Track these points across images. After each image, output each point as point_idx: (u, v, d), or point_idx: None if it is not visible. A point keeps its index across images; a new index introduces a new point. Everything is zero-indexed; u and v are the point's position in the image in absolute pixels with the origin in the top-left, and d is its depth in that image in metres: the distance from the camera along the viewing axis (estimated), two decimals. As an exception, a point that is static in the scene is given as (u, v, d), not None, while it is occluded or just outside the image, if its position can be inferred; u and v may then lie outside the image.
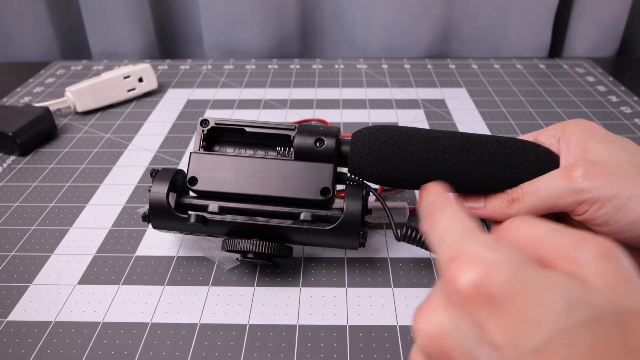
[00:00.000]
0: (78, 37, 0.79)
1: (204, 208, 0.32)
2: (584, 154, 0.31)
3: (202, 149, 0.33)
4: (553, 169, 0.31)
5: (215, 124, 0.33)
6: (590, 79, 0.64)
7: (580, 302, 0.17)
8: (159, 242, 0.37)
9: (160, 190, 0.32)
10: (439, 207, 0.23)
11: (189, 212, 0.32)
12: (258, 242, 0.31)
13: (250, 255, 0.32)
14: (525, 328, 0.17)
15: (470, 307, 0.18)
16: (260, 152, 0.34)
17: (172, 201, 0.32)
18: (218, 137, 0.34)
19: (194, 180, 0.32)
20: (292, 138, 0.32)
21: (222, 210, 0.32)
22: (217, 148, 0.34)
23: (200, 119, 0.33)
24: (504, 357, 0.17)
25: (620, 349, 0.16)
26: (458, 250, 0.19)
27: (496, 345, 0.17)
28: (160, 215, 0.32)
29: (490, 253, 0.18)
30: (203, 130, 0.33)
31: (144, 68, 0.60)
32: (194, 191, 0.32)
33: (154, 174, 0.33)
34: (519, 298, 0.17)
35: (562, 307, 0.17)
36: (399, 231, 0.33)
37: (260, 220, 0.32)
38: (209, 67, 0.69)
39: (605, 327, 0.16)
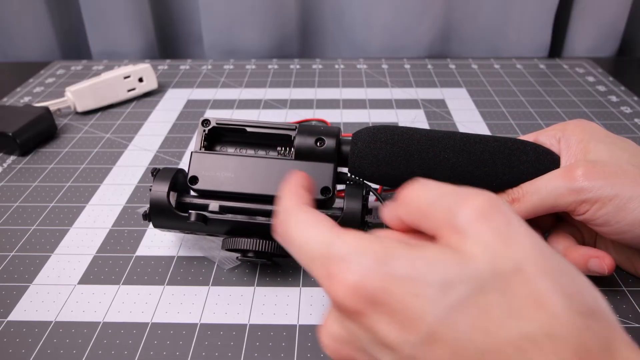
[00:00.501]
0: (78, 37, 0.79)
1: (204, 207, 0.32)
2: (585, 154, 0.31)
3: (203, 149, 0.33)
4: (553, 169, 0.31)
5: (217, 123, 0.33)
6: (590, 79, 0.64)
7: (456, 279, 0.17)
8: (159, 242, 0.37)
9: (161, 189, 0.32)
10: (286, 216, 0.22)
11: (190, 211, 0.32)
12: (258, 240, 0.31)
13: (250, 255, 0.32)
14: (410, 323, 0.17)
15: (358, 316, 0.18)
16: (261, 152, 0.34)
17: (173, 200, 0.32)
18: (219, 137, 0.35)
19: (194, 180, 0.32)
20: (292, 138, 0.32)
21: (223, 210, 0.32)
22: (218, 148, 0.35)
23: (202, 118, 0.33)
24: (401, 354, 0.17)
25: (505, 312, 0.16)
26: (328, 266, 0.19)
27: (390, 345, 0.18)
28: (161, 214, 0.32)
29: (358, 259, 0.18)
30: (204, 130, 0.33)
31: (144, 68, 0.60)
32: (194, 190, 0.32)
33: (155, 173, 0.33)
34: (397, 295, 0.17)
35: (439, 291, 0.17)
36: None
37: (260, 219, 0.32)
38: (209, 67, 0.69)
39: (487, 295, 0.16)
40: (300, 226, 0.21)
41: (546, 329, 0.15)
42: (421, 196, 0.20)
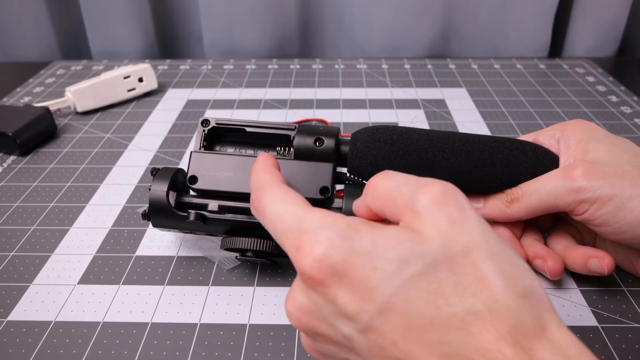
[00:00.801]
0: (78, 37, 0.79)
1: (203, 207, 0.32)
2: (584, 155, 0.31)
3: (203, 149, 0.33)
4: (552, 169, 0.31)
5: (216, 123, 0.33)
6: (590, 79, 0.64)
7: (412, 256, 0.18)
8: (159, 242, 0.37)
9: (160, 188, 0.32)
10: (261, 192, 0.24)
11: (189, 211, 0.32)
12: (257, 240, 0.31)
13: (249, 254, 0.32)
14: (367, 294, 0.19)
15: (321, 288, 0.20)
16: (260, 152, 0.34)
17: (172, 200, 0.32)
18: (219, 137, 0.35)
19: (194, 179, 0.32)
20: (292, 138, 0.32)
21: (222, 209, 0.32)
22: (217, 148, 0.35)
23: (201, 119, 0.33)
24: (359, 324, 0.19)
25: (453, 289, 0.18)
26: (299, 238, 0.21)
27: (349, 314, 0.19)
28: (160, 214, 0.32)
29: (325, 233, 0.20)
30: (204, 130, 0.33)
31: (144, 68, 0.60)
32: (194, 190, 0.33)
33: (155, 172, 0.33)
34: (358, 268, 0.19)
35: (395, 266, 0.18)
36: None
37: None
38: (209, 67, 0.69)
39: (438, 273, 0.18)
40: (275, 201, 0.23)
41: (487, 305, 0.17)
42: (386, 184, 0.22)
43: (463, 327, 0.17)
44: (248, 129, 0.33)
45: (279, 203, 0.23)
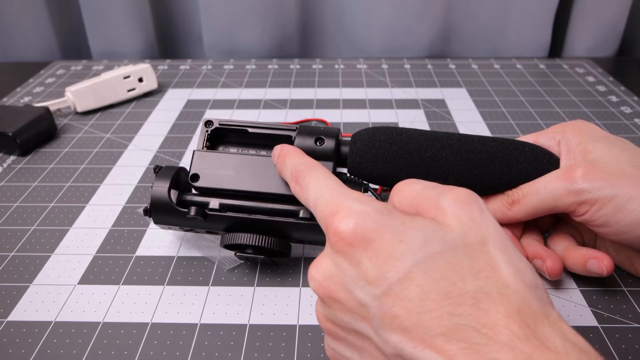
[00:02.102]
0: (78, 37, 0.79)
1: (205, 205, 0.32)
2: (584, 156, 0.31)
3: (206, 149, 0.34)
4: (552, 170, 0.31)
5: (219, 124, 0.34)
6: (590, 79, 0.64)
7: (435, 238, 0.21)
8: (159, 242, 0.37)
9: (162, 185, 0.32)
10: (307, 170, 0.27)
11: (190, 207, 0.32)
12: (257, 236, 0.31)
13: (249, 251, 0.32)
14: (391, 262, 0.20)
15: (349, 250, 0.21)
16: (262, 152, 0.34)
17: (174, 197, 0.33)
18: (221, 137, 0.35)
19: (195, 177, 0.32)
20: (293, 138, 0.32)
21: (223, 207, 0.32)
22: (220, 148, 0.35)
23: (204, 120, 0.34)
24: (377, 289, 0.20)
25: (468, 270, 0.20)
26: (337, 207, 0.23)
27: (370, 279, 0.21)
28: (162, 210, 0.32)
29: (362, 206, 0.22)
30: (207, 131, 0.34)
31: (144, 68, 0.60)
32: (195, 188, 0.33)
33: (157, 170, 0.33)
34: (386, 239, 0.21)
35: (420, 242, 0.20)
36: None
37: (260, 216, 0.32)
38: (209, 67, 0.69)
39: (456, 255, 0.20)
40: (321, 178, 0.26)
41: (498, 288, 0.19)
42: (412, 187, 0.24)
43: (474, 304, 0.19)
44: (250, 130, 0.34)
45: (324, 179, 0.25)
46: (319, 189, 0.25)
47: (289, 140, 0.33)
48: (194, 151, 0.33)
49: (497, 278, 0.19)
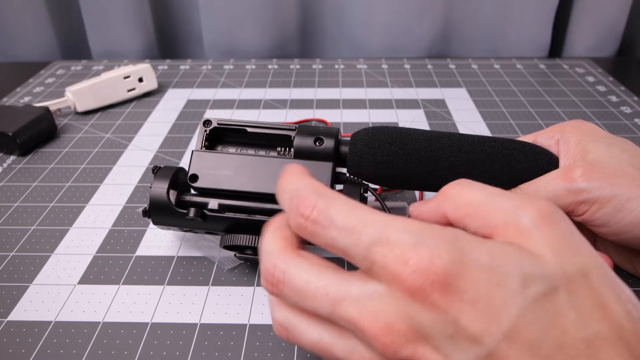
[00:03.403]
0: (78, 37, 0.79)
1: (204, 205, 0.32)
2: (584, 155, 0.31)
3: (204, 149, 0.34)
4: (551, 170, 0.31)
5: (218, 124, 0.34)
6: (590, 79, 0.64)
7: (534, 276, 0.17)
8: (159, 242, 0.37)
9: (161, 186, 0.32)
10: (321, 201, 0.20)
11: (189, 208, 0.32)
12: (256, 237, 0.31)
13: (248, 252, 0.32)
14: (493, 314, 0.17)
15: (439, 298, 0.17)
16: (261, 152, 0.34)
17: (173, 198, 0.33)
18: (220, 137, 0.35)
19: (194, 178, 0.32)
20: (292, 138, 0.32)
21: (222, 208, 0.32)
22: (219, 148, 0.35)
23: (203, 119, 0.34)
24: (482, 348, 0.17)
25: (577, 313, 0.17)
26: (392, 250, 0.18)
27: (472, 337, 0.17)
28: (161, 211, 0.32)
29: (429, 241, 0.17)
30: (206, 131, 0.34)
31: (144, 68, 0.60)
32: (194, 188, 0.33)
33: (156, 170, 0.33)
34: (478, 283, 0.17)
35: (519, 284, 0.17)
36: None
37: (259, 217, 0.32)
38: (209, 67, 0.69)
39: (559, 295, 0.17)
40: (344, 209, 0.19)
41: (614, 331, 0.17)
42: (474, 194, 0.20)
43: (592, 354, 0.16)
44: (249, 130, 0.33)
45: (353, 209, 0.19)
46: (351, 225, 0.19)
47: (288, 140, 0.33)
48: (192, 151, 0.33)
49: (610, 319, 0.17)
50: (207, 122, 0.34)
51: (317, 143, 0.32)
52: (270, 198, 0.32)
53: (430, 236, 0.18)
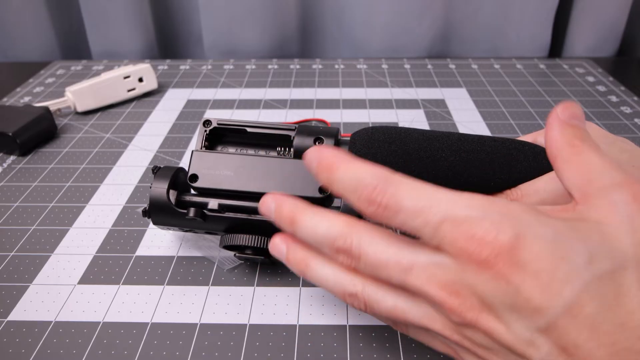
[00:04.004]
0: (78, 37, 0.79)
1: (204, 205, 0.32)
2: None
3: (204, 149, 0.34)
4: (551, 170, 0.31)
5: (218, 124, 0.34)
6: (590, 79, 0.64)
7: (602, 253, 0.17)
8: (159, 242, 0.37)
9: (161, 186, 0.32)
10: (388, 185, 0.21)
11: (189, 208, 0.32)
12: (256, 237, 0.31)
13: (248, 252, 0.32)
14: (557, 286, 0.17)
15: (504, 268, 0.17)
16: (261, 152, 0.34)
17: (173, 198, 0.33)
18: (220, 137, 0.35)
19: (194, 178, 0.32)
20: (292, 138, 0.32)
21: (222, 208, 0.32)
22: (219, 148, 0.35)
23: (203, 119, 0.34)
24: (542, 320, 0.17)
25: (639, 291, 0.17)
26: (455, 220, 0.18)
27: (533, 308, 0.17)
28: (161, 211, 0.32)
29: (487, 214, 0.18)
30: (205, 131, 0.34)
31: (144, 68, 0.60)
32: (194, 188, 0.33)
33: (156, 170, 0.33)
34: (542, 255, 0.17)
35: (585, 259, 0.17)
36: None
37: (259, 217, 0.32)
38: (209, 67, 0.69)
39: (627, 274, 0.17)
40: (414, 190, 0.20)
41: None
42: (595, 159, 0.20)
43: None
44: (249, 130, 0.34)
45: (419, 191, 0.20)
46: (421, 206, 0.20)
47: (288, 140, 0.33)
48: (192, 151, 0.33)
49: None
50: (207, 122, 0.34)
51: (316, 143, 0.32)
52: None
53: (495, 211, 0.18)
